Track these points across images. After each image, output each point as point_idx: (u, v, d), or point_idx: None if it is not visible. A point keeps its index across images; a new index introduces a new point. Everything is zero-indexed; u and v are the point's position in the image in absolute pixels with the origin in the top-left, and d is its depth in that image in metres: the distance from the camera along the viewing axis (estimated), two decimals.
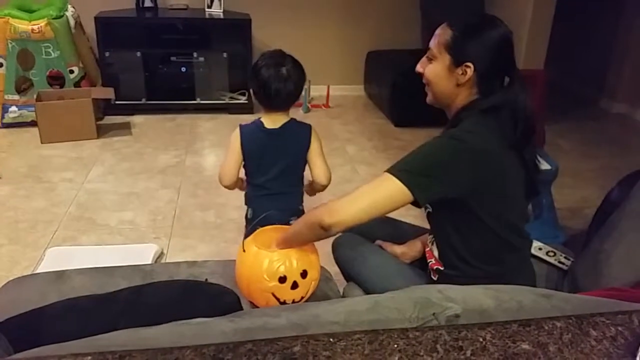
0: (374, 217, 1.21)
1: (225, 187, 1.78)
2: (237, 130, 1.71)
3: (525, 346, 0.71)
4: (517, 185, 1.32)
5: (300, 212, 1.74)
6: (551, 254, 1.60)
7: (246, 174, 1.77)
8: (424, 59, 1.38)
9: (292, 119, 1.72)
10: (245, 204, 1.83)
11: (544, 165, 2.34)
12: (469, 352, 0.70)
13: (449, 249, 1.38)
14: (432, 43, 1.34)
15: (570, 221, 2.69)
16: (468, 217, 1.29)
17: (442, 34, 1.32)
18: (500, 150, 1.27)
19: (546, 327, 0.74)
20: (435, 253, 1.42)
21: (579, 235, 2.43)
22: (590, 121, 4.39)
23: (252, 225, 1.54)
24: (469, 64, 1.28)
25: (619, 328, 0.75)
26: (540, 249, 1.60)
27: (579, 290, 1.34)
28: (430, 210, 1.39)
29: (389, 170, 1.22)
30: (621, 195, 1.61)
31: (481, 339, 0.72)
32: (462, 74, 1.29)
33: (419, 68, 1.39)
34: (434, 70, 1.34)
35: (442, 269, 1.40)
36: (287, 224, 1.51)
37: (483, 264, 1.33)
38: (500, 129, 1.27)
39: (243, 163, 1.73)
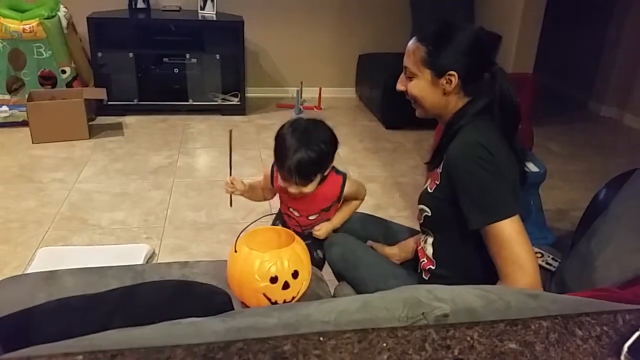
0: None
1: None
2: None
3: (512, 345, 0.72)
4: (517, 176, 1.34)
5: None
6: (539, 255, 1.62)
7: None
8: (402, 77, 1.39)
9: None
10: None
11: (533, 168, 2.37)
12: (456, 351, 0.71)
13: (446, 248, 1.39)
14: (408, 62, 1.35)
15: (558, 223, 2.72)
16: None
17: (416, 52, 1.33)
18: (502, 145, 1.29)
19: (533, 327, 0.75)
20: (429, 252, 1.43)
21: (566, 236, 2.46)
22: (578, 124, 4.43)
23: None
24: (451, 72, 1.29)
25: (604, 328, 0.76)
26: None
27: (567, 291, 1.36)
28: (429, 214, 1.39)
29: (489, 222, 1.21)
30: (608, 198, 1.63)
31: (469, 338, 0.73)
32: (448, 83, 1.31)
33: (400, 87, 1.40)
34: (418, 86, 1.35)
35: (433, 268, 1.41)
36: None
37: (479, 263, 1.34)
38: (496, 124, 1.30)
39: None
